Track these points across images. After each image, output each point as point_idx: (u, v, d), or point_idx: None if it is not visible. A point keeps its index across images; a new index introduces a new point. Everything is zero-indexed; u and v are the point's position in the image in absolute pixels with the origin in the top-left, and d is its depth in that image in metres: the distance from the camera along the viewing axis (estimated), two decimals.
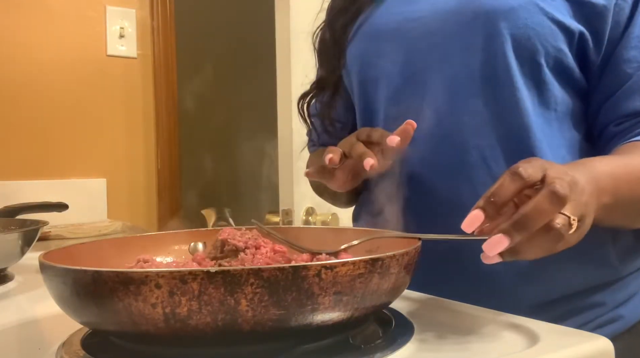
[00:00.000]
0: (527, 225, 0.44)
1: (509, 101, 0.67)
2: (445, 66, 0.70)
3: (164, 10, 1.96)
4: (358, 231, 0.63)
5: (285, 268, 0.39)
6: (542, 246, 0.47)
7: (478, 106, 0.68)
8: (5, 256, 0.84)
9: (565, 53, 0.67)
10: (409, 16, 0.74)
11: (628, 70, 0.67)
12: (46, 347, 0.50)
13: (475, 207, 0.46)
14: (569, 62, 0.68)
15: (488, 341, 0.49)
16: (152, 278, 0.38)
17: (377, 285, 0.43)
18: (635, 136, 0.66)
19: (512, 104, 0.67)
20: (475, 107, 0.68)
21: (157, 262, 0.61)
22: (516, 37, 0.66)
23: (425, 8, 0.73)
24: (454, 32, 0.69)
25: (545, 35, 0.66)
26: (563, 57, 0.67)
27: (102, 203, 1.82)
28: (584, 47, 0.68)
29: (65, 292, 0.43)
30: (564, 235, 0.46)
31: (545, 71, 0.67)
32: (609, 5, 0.66)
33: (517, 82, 0.67)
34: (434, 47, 0.71)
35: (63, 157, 1.78)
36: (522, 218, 0.44)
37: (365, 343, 0.47)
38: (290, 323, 0.41)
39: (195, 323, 0.39)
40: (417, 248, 0.49)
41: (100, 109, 1.84)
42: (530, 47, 0.66)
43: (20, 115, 1.72)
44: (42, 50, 1.75)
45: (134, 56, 1.90)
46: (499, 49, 0.66)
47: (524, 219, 0.44)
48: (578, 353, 0.45)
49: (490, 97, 0.68)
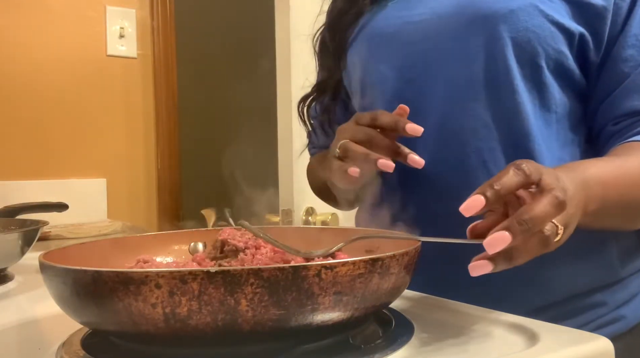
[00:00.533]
0: (533, 227, 0.44)
1: (509, 104, 0.67)
2: (445, 70, 0.70)
3: (164, 10, 1.96)
4: (351, 231, 0.63)
5: (285, 268, 0.39)
6: (530, 252, 0.47)
7: (478, 109, 0.68)
8: (5, 256, 0.84)
9: (566, 55, 0.67)
10: (409, 20, 0.74)
11: (625, 69, 0.67)
12: (46, 347, 0.50)
13: (477, 192, 0.45)
14: (570, 64, 0.68)
15: (488, 341, 0.49)
16: (152, 278, 0.38)
17: (377, 285, 0.43)
18: (632, 136, 0.66)
19: (513, 107, 0.67)
20: (475, 110, 0.68)
21: (157, 262, 0.61)
22: (516, 40, 0.66)
23: (425, 12, 0.73)
24: (454, 36, 0.69)
25: (546, 38, 0.66)
26: (563, 59, 0.67)
27: (102, 203, 1.82)
28: (584, 49, 0.68)
29: (65, 292, 0.43)
30: (551, 242, 0.47)
31: (545, 73, 0.67)
32: (608, 5, 0.66)
33: (518, 85, 0.67)
34: (433, 51, 0.71)
35: (63, 157, 1.78)
36: (529, 219, 0.44)
37: (365, 343, 0.47)
38: (290, 323, 0.41)
39: (195, 323, 0.39)
40: (417, 249, 0.49)
41: (100, 109, 1.84)
42: (531, 50, 0.66)
43: (20, 115, 1.72)
44: (42, 50, 1.75)
45: (134, 56, 1.91)
46: (499, 52, 0.66)
47: (531, 220, 0.44)
48: (578, 353, 0.45)
49: (491, 100, 0.68)
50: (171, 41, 1.98)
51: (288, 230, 0.70)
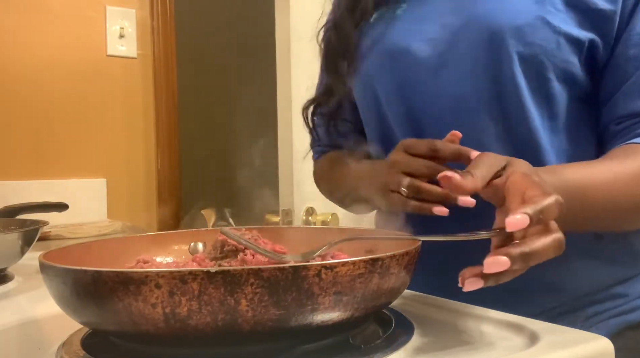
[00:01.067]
0: (531, 261, 0.45)
1: (518, 118, 0.67)
2: (454, 85, 0.70)
3: (164, 10, 1.96)
4: (349, 231, 0.63)
5: (285, 268, 0.39)
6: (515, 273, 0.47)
7: (487, 124, 0.68)
8: (5, 256, 0.84)
9: (574, 64, 0.67)
10: (419, 36, 0.74)
11: (629, 69, 0.67)
12: (46, 347, 0.50)
13: (524, 212, 0.45)
14: (578, 72, 0.68)
15: (488, 341, 0.49)
16: (152, 278, 0.38)
17: (377, 285, 0.43)
18: (632, 138, 0.66)
19: (520, 121, 0.67)
20: (484, 125, 0.69)
21: (157, 262, 0.61)
22: (523, 55, 0.66)
23: (435, 29, 0.73)
24: (463, 53, 0.69)
25: (553, 51, 0.66)
26: (572, 68, 0.67)
27: (102, 203, 1.82)
28: (594, 54, 0.68)
29: (65, 292, 0.43)
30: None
31: (553, 85, 0.67)
32: (617, 9, 0.66)
33: (526, 100, 0.67)
34: (443, 68, 0.71)
35: (63, 157, 1.78)
36: (530, 254, 0.44)
37: (365, 343, 0.47)
38: (290, 323, 0.41)
39: (195, 323, 0.39)
40: (417, 248, 0.49)
41: (100, 109, 1.84)
42: (538, 64, 0.66)
43: (20, 115, 1.72)
44: (42, 50, 1.75)
45: (134, 56, 1.90)
46: (507, 68, 0.66)
47: (531, 256, 0.44)
48: (578, 353, 0.45)
49: (499, 115, 0.68)
50: (171, 41, 1.98)
51: (288, 230, 0.71)
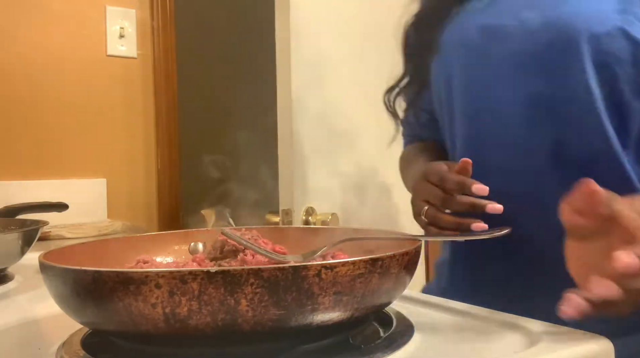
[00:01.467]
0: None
1: (590, 123, 0.67)
2: (526, 85, 0.70)
3: (164, 10, 1.96)
4: (347, 231, 0.63)
5: (285, 268, 0.39)
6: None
7: (557, 127, 0.68)
8: (5, 256, 0.84)
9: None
10: (496, 31, 0.73)
11: None
12: (46, 347, 0.50)
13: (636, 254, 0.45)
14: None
15: (488, 341, 0.49)
16: (152, 278, 0.38)
17: (377, 285, 0.43)
18: None
19: (593, 127, 0.66)
20: (554, 127, 0.68)
21: (157, 262, 0.61)
22: (598, 63, 0.65)
23: (512, 24, 0.72)
24: (538, 53, 0.69)
25: (629, 62, 0.65)
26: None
27: (102, 203, 1.81)
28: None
29: (65, 292, 0.43)
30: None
31: (627, 97, 0.66)
32: None
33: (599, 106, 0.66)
34: (518, 67, 0.71)
35: (63, 157, 1.78)
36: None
37: (365, 343, 0.47)
38: (290, 323, 0.41)
39: (195, 323, 0.39)
40: (417, 248, 0.49)
41: (100, 109, 1.84)
42: (611, 73, 0.66)
43: (20, 115, 1.72)
44: (42, 50, 1.75)
45: (134, 56, 1.90)
46: (580, 74, 0.66)
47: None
48: (578, 353, 0.45)
49: (570, 119, 0.67)
50: (171, 41, 1.97)
51: (288, 230, 0.71)
